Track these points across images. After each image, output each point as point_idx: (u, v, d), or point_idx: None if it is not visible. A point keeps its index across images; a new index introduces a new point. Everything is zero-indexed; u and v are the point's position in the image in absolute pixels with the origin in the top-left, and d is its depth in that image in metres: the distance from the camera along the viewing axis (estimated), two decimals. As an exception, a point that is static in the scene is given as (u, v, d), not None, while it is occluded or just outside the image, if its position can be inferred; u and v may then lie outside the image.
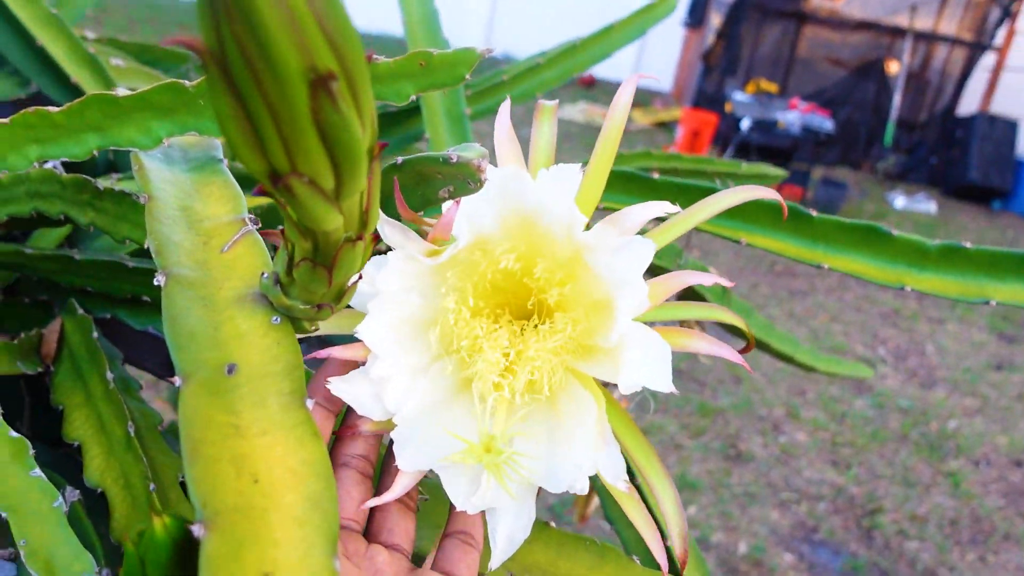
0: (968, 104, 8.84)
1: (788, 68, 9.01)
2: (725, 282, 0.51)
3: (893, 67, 8.74)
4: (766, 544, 2.67)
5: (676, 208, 0.54)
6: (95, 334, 0.66)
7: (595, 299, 0.50)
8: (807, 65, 9.04)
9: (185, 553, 0.35)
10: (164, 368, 0.78)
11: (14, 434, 0.50)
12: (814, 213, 0.69)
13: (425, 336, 0.53)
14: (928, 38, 8.82)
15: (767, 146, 7.25)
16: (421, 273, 0.52)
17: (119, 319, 0.71)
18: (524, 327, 0.52)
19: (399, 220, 0.53)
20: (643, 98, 10.47)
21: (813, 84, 8.88)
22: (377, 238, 0.44)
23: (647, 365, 0.48)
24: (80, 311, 0.70)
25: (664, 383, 0.47)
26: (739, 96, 7.97)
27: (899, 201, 7.45)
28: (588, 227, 0.52)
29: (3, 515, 0.46)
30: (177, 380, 0.39)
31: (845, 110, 8.61)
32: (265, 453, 0.36)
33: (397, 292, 0.52)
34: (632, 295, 0.47)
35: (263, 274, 0.44)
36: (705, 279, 0.51)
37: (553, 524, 0.55)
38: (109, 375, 0.62)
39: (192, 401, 0.38)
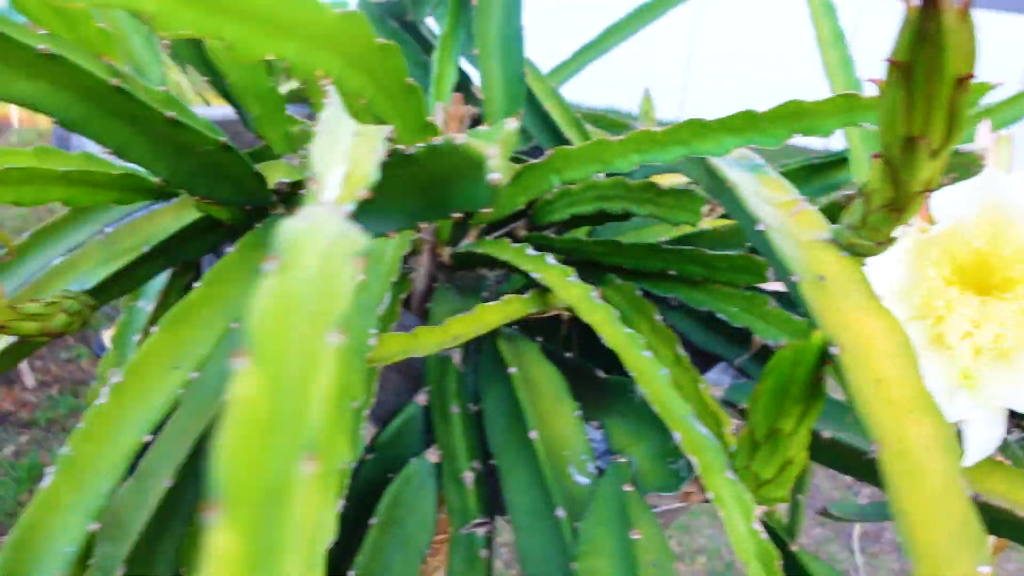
0: None
1: None
2: None
3: None
4: None
5: None
6: (638, 292, 0.94)
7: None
8: None
9: (821, 362, 0.56)
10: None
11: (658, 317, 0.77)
12: None
13: (904, 299, 0.71)
14: None
15: None
16: (907, 247, 0.71)
17: (645, 290, 0.99)
18: (988, 297, 0.68)
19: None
20: None
21: None
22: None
23: None
24: (618, 281, 0.99)
25: None
26: None
27: None
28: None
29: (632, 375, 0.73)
30: (794, 278, 0.62)
31: None
32: (858, 321, 0.58)
33: (888, 262, 0.71)
34: None
35: (833, 224, 0.66)
36: None
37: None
38: (657, 317, 0.89)
39: (808, 293, 0.60)
